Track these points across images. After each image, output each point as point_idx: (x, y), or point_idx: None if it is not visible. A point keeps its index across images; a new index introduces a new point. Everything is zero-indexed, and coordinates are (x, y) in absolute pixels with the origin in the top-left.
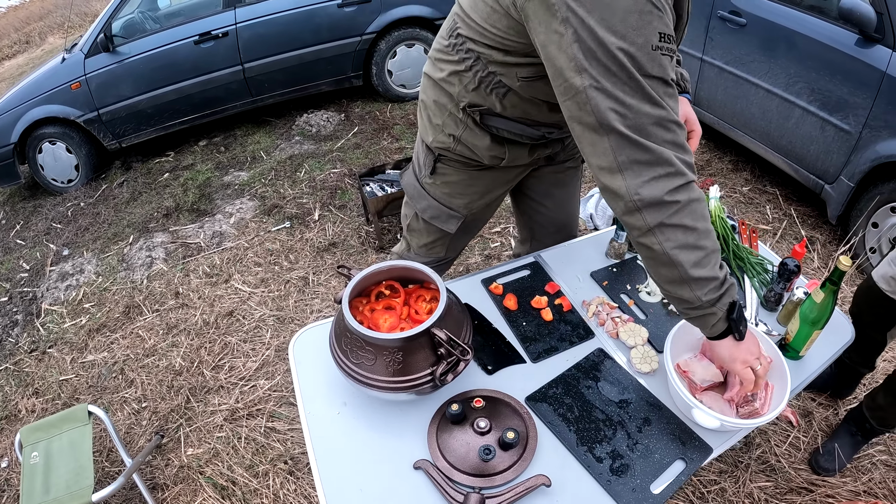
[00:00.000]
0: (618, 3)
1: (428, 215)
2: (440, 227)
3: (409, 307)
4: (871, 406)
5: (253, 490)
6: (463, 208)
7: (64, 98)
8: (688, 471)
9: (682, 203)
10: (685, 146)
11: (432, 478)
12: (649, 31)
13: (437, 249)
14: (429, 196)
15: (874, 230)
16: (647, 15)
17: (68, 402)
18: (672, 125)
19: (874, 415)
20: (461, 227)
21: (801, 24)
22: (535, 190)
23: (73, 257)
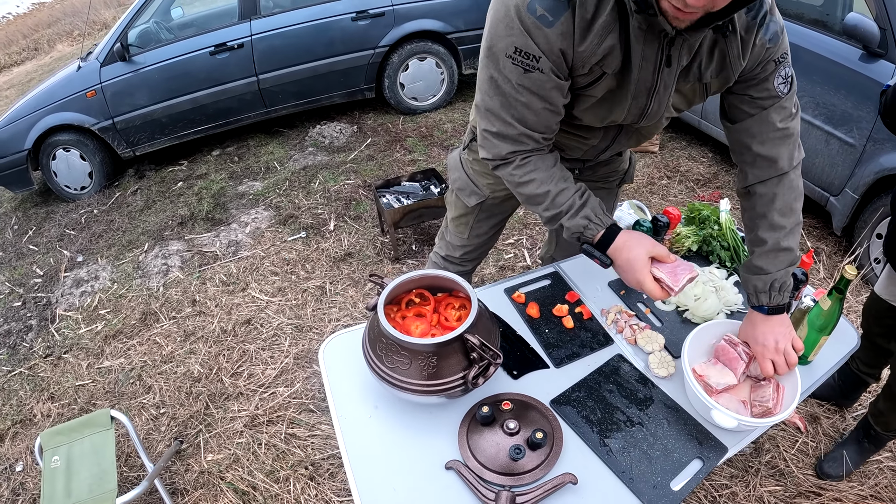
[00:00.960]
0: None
1: (457, 186)
2: (463, 201)
3: (439, 314)
4: (874, 412)
5: (274, 495)
6: (486, 188)
7: (79, 106)
8: (705, 469)
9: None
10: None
11: (464, 477)
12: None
13: (462, 228)
14: (462, 169)
15: (878, 241)
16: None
17: (85, 407)
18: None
19: (877, 420)
20: (483, 210)
21: (806, 39)
22: None
23: (88, 264)
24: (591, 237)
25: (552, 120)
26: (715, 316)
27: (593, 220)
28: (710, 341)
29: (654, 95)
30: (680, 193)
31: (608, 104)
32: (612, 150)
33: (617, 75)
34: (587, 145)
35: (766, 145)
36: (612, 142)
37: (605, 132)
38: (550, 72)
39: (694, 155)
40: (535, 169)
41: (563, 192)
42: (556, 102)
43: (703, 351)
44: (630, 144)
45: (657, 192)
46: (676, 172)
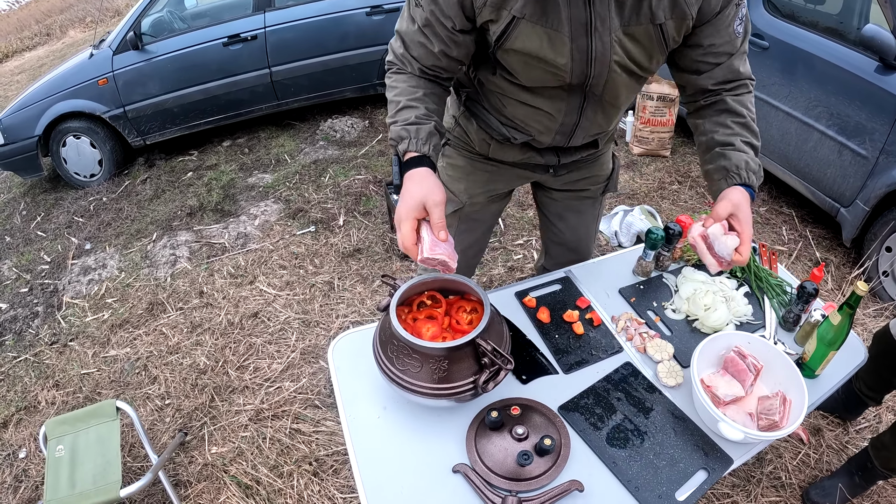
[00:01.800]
0: None
1: None
2: None
3: (451, 317)
4: (878, 446)
5: (277, 490)
6: (462, 194)
7: (91, 93)
8: (710, 479)
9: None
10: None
11: (471, 481)
12: None
13: None
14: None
15: (888, 254)
16: None
17: (90, 395)
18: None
19: (879, 454)
20: (462, 220)
21: (822, 49)
22: (550, 209)
23: (96, 252)
24: (403, 151)
25: (430, 60)
26: (724, 326)
27: (413, 138)
28: (720, 352)
29: (595, 34)
30: (690, 199)
31: (548, 53)
32: (584, 129)
33: (543, 21)
34: (555, 122)
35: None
36: (580, 116)
37: (567, 105)
38: (430, 12)
39: None
40: (405, 81)
41: (409, 108)
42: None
43: (711, 361)
44: (600, 119)
45: (667, 198)
46: (687, 178)
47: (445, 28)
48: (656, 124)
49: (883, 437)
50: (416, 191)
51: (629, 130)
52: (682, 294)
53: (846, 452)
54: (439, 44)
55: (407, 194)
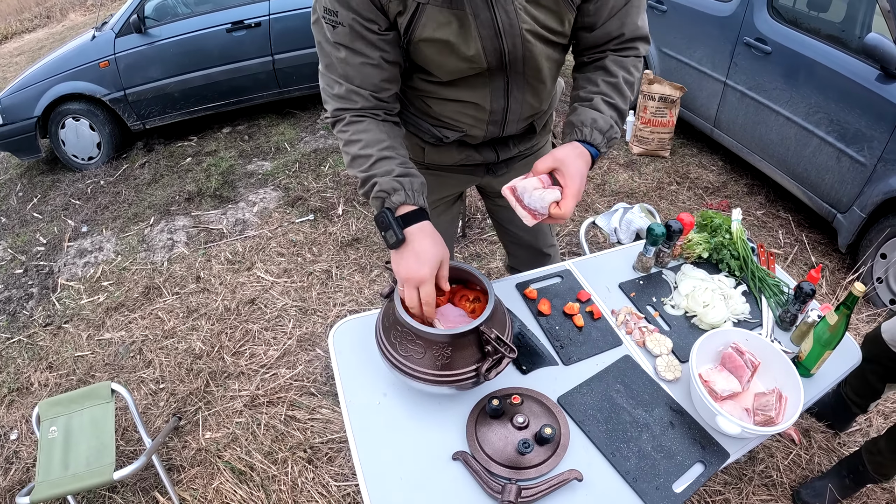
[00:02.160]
0: None
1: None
2: None
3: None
4: (872, 450)
5: (271, 476)
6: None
7: (91, 76)
8: (707, 472)
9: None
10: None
11: (471, 468)
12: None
13: None
14: None
15: (882, 261)
16: None
17: (84, 378)
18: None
19: (872, 459)
20: None
21: (824, 55)
22: (500, 216)
23: (92, 234)
24: (396, 205)
25: (375, 76)
26: (722, 324)
27: (407, 189)
28: (717, 348)
29: (497, 6)
30: (688, 200)
31: (457, 36)
32: (515, 113)
33: (447, 2)
34: (485, 113)
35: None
36: (507, 100)
37: (491, 91)
38: (352, 23)
39: (704, 162)
40: (367, 131)
41: (386, 160)
42: (370, 55)
43: (709, 357)
44: (530, 100)
45: (665, 198)
46: (686, 179)
47: (374, 32)
48: (657, 125)
49: (878, 443)
50: (434, 249)
51: (629, 130)
52: (682, 290)
53: (836, 454)
54: (375, 51)
55: (427, 252)
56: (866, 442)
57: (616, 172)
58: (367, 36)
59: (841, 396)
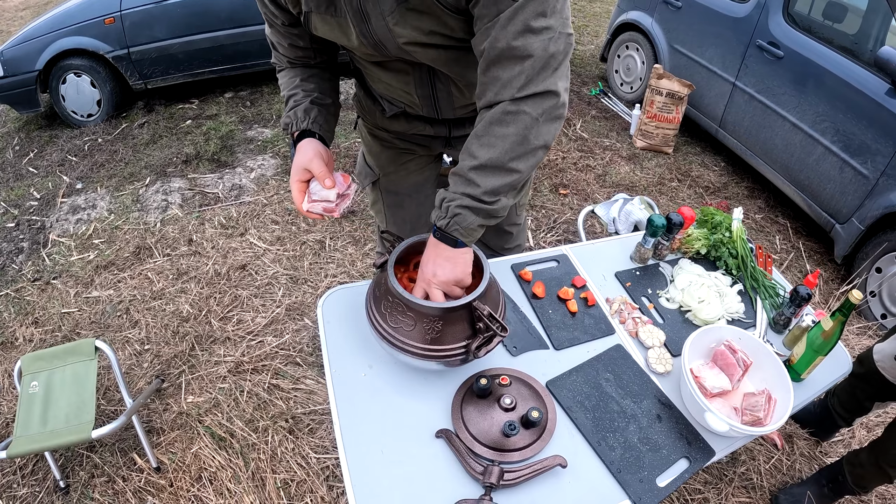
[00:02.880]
0: None
1: (356, 170)
2: (363, 184)
3: None
4: (853, 462)
5: (251, 444)
6: (375, 166)
7: (96, 31)
8: (691, 469)
9: None
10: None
11: (454, 447)
12: None
13: (380, 216)
14: (361, 153)
15: (877, 275)
16: None
17: (69, 335)
18: None
19: (853, 471)
20: (385, 193)
21: (836, 65)
22: None
23: (87, 192)
24: (292, 132)
25: (290, 51)
26: (716, 321)
27: (293, 120)
28: (710, 345)
29: (369, 20)
30: (688, 198)
31: (343, 40)
32: (447, 102)
33: (330, 10)
34: (410, 96)
35: (485, 63)
36: (432, 88)
37: (414, 78)
38: (265, 12)
39: (707, 162)
40: (284, 76)
41: (291, 98)
42: (281, 37)
43: (701, 353)
44: (457, 92)
45: (665, 194)
46: (687, 177)
47: (280, 24)
48: (662, 120)
49: (860, 455)
50: (297, 159)
51: (634, 123)
52: (678, 284)
53: (818, 462)
54: (284, 38)
55: (293, 162)
56: (848, 453)
57: (618, 164)
58: (275, 25)
59: (827, 407)
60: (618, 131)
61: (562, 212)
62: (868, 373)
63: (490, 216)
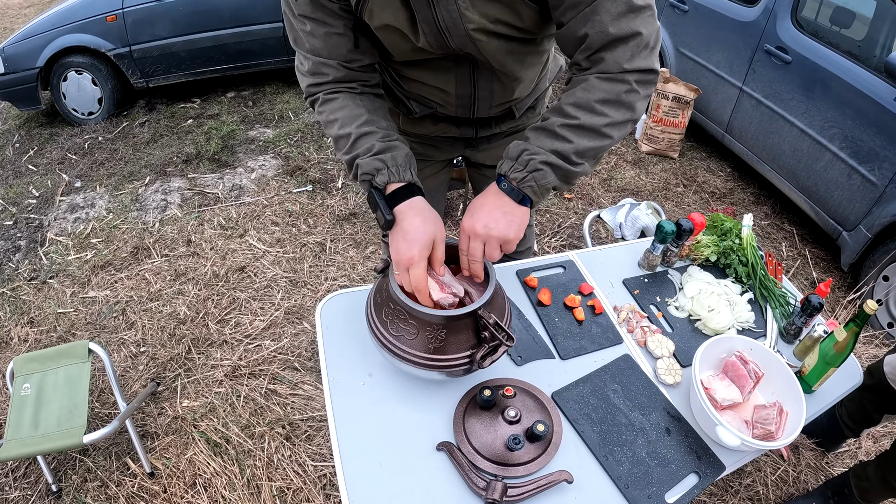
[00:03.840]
0: None
1: None
2: None
3: None
4: (860, 475)
5: (247, 451)
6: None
7: (98, 29)
8: (701, 484)
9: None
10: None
11: (455, 461)
12: None
13: None
14: None
15: (884, 283)
16: None
17: (64, 335)
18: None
19: (859, 484)
20: None
21: (845, 71)
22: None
23: (86, 190)
24: (383, 184)
25: (342, 45)
26: (726, 330)
27: (390, 166)
28: (721, 355)
29: (438, 3)
30: (694, 203)
31: (405, 25)
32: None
33: None
34: (448, 96)
35: (589, 49)
36: (474, 87)
37: (456, 76)
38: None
39: (713, 167)
40: (342, 108)
41: (365, 136)
42: (334, 24)
43: (711, 364)
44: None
45: (671, 199)
46: (693, 182)
47: (334, 3)
48: (668, 124)
49: (867, 469)
50: (423, 227)
51: (639, 128)
52: (687, 292)
53: (823, 473)
54: (338, 19)
55: (415, 232)
56: (854, 466)
57: (623, 169)
58: (327, 5)
59: (835, 417)
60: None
61: (566, 216)
62: (878, 385)
63: (568, 180)
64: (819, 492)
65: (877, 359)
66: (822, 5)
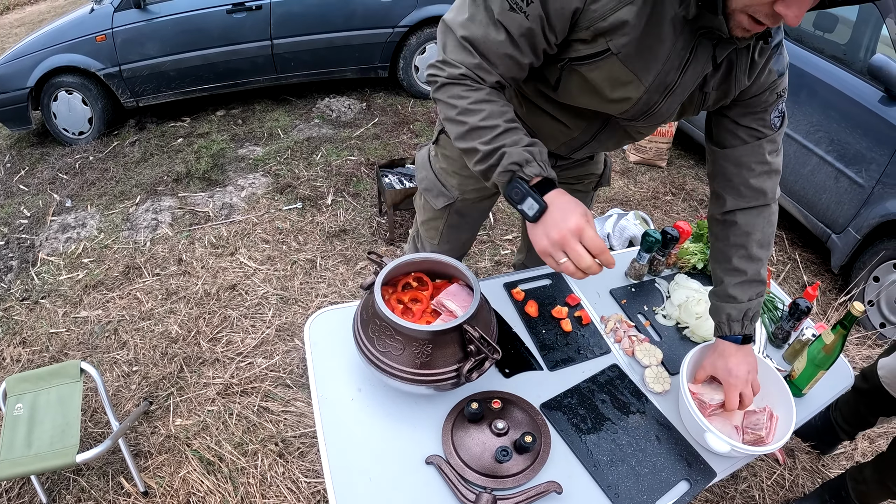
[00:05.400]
0: None
1: (423, 186)
2: (431, 204)
3: None
4: (857, 478)
5: (240, 469)
6: (455, 189)
7: (87, 49)
8: (691, 492)
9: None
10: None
11: (444, 474)
12: None
13: (432, 232)
14: (430, 167)
15: (875, 284)
16: None
17: (56, 356)
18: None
19: (856, 487)
20: (452, 214)
21: (829, 74)
22: None
23: (77, 210)
24: (531, 176)
25: (511, 69)
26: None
27: (538, 161)
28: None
29: (669, 95)
30: (683, 211)
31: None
32: (590, 148)
33: (633, 64)
34: (567, 136)
35: (754, 176)
36: (593, 137)
37: (588, 124)
38: (535, 22)
39: (701, 175)
40: (490, 101)
41: (512, 131)
42: (523, 54)
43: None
44: (610, 145)
45: (660, 207)
46: (682, 190)
47: (546, 41)
48: (656, 134)
49: (864, 471)
50: (577, 204)
51: None
52: (674, 301)
53: (820, 475)
54: (531, 56)
55: (570, 205)
56: (851, 468)
57: (611, 179)
58: (537, 41)
59: (829, 420)
60: None
61: None
62: (872, 388)
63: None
64: (816, 495)
65: (870, 359)
66: None
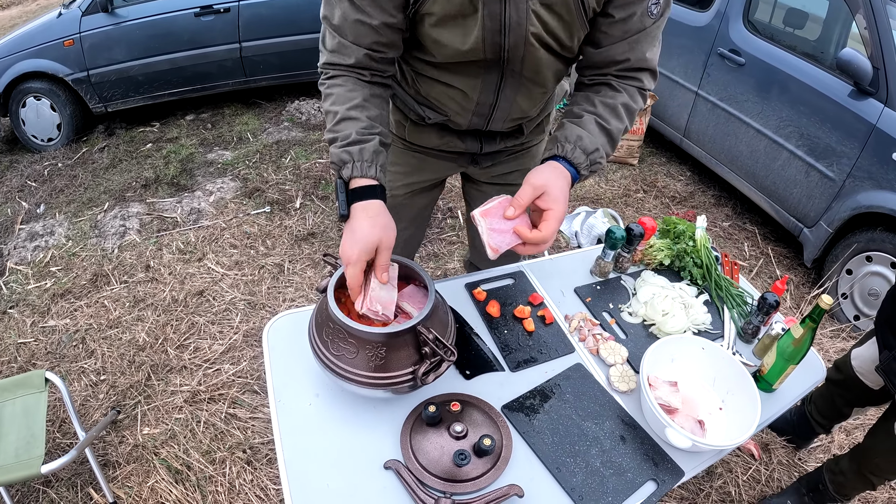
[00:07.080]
0: None
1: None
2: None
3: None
4: (834, 470)
5: (208, 477)
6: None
7: (55, 54)
8: (659, 492)
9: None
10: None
11: (403, 479)
12: None
13: None
14: None
15: (847, 276)
16: None
17: (24, 366)
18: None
19: (834, 479)
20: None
21: (798, 70)
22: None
23: (45, 218)
24: (348, 177)
25: (369, 36)
26: (681, 333)
27: (356, 161)
28: (672, 355)
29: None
30: (654, 208)
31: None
32: (504, 112)
33: None
34: (470, 103)
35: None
36: (497, 96)
37: (481, 81)
38: None
39: (672, 172)
40: (341, 86)
41: (349, 120)
42: (372, 15)
43: (662, 365)
44: (521, 101)
45: (632, 205)
46: (653, 187)
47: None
48: None
49: (841, 463)
50: (370, 232)
51: None
52: (640, 298)
53: (796, 469)
54: (380, 13)
55: (360, 233)
56: (828, 461)
57: None
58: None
59: (804, 414)
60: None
61: None
62: (847, 379)
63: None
64: (793, 489)
65: (844, 352)
66: (776, 7)
